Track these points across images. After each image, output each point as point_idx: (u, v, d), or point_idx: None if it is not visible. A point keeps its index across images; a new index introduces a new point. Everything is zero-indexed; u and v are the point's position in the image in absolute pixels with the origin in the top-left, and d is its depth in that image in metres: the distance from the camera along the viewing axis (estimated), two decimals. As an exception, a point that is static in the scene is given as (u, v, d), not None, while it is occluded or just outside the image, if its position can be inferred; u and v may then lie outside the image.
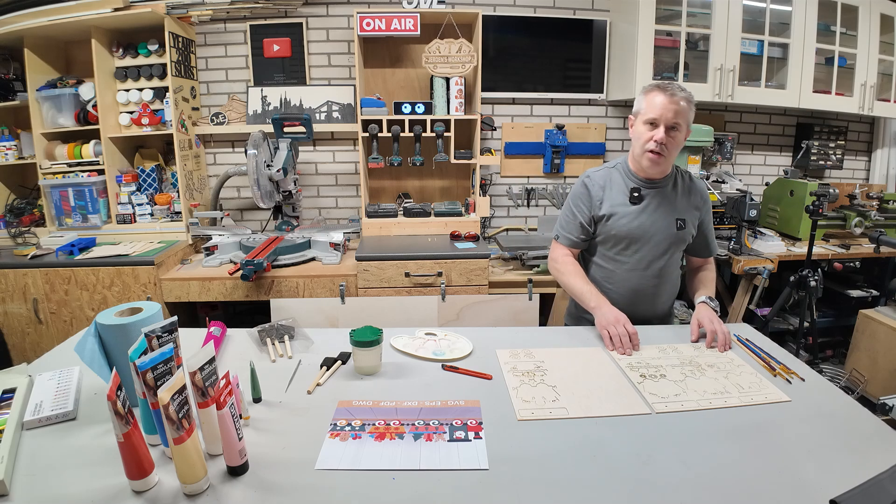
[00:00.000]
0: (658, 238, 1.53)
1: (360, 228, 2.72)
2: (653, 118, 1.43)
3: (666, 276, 1.58)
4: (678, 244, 1.56)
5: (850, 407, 1.11)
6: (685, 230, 1.54)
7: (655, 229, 1.52)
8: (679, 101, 1.41)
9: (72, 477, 0.86)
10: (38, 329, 2.34)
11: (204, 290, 2.34)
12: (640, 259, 1.54)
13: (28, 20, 2.41)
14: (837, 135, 3.23)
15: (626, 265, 1.55)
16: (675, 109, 1.41)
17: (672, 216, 1.53)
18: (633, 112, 1.53)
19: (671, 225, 1.53)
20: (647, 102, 1.45)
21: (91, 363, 1.00)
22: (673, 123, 1.42)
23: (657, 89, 1.43)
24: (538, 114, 3.00)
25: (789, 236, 2.89)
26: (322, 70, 2.86)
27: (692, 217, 1.56)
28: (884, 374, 2.37)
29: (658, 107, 1.41)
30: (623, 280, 1.56)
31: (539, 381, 1.19)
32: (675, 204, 1.54)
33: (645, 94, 1.46)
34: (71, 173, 2.56)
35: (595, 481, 0.87)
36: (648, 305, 1.58)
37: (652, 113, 1.43)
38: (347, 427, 1.01)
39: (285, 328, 1.44)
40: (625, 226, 1.52)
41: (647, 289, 1.56)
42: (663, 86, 1.43)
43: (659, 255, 1.54)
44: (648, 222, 1.52)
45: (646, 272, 1.55)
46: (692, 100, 1.44)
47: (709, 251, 1.65)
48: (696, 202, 1.58)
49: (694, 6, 2.66)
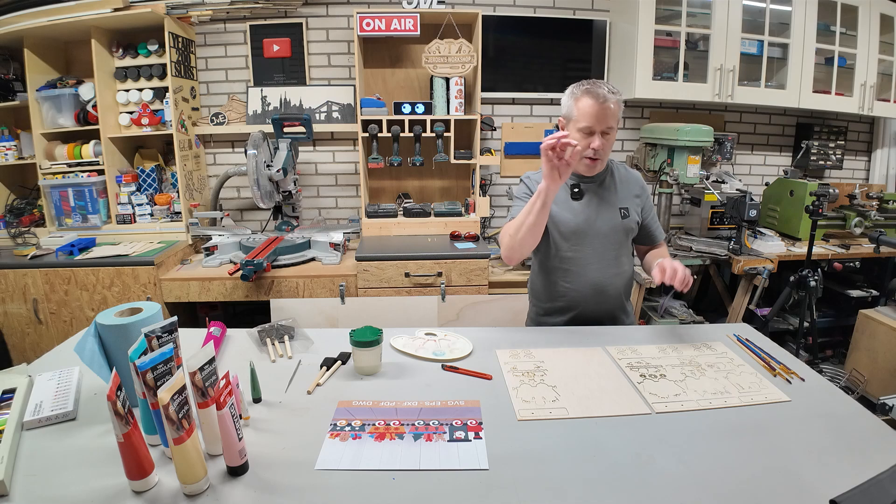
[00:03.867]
0: (605, 229, 1.55)
1: (360, 228, 2.72)
2: (587, 126, 1.44)
3: (621, 267, 1.60)
4: (626, 233, 1.59)
5: (850, 407, 1.11)
6: (630, 218, 1.58)
7: (601, 221, 1.55)
8: (610, 104, 1.41)
9: (72, 477, 0.86)
10: (38, 329, 2.34)
11: (204, 290, 2.34)
12: (593, 252, 1.56)
13: (28, 20, 2.41)
14: (837, 135, 3.23)
15: (581, 260, 1.57)
16: (607, 114, 1.42)
17: (615, 206, 1.57)
18: (562, 113, 1.52)
19: (615, 215, 1.56)
20: (578, 110, 1.44)
21: (91, 363, 1.00)
22: (606, 128, 1.45)
23: (587, 95, 1.42)
24: (538, 114, 3.00)
25: (789, 236, 2.89)
26: (322, 70, 2.86)
27: (634, 205, 1.59)
28: (884, 374, 2.37)
29: (591, 115, 1.42)
30: (581, 275, 1.57)
31: (539, 381, 1.19)
32: (616, 194, 1.58)
33: (575, 101, 1.45)
34: (71, 173, 2.56)
35: (595, 481, 0.87)
36: (610, 298, 1.59)
37: (585, 121, 1.43)
38: (347, 427, 1.01)
39: (285, 328, 1.44)
40: (570, 220, 1.55)
41: (605, 280, 1.57)
42: (593, 91, 1.41)
43: (610, 246, 1.57)
44: (594, 215, 1.55)
45: (601, 264, 1.57)
46: (621, 97, 1.45)
47: (654, 237, 1.68)
48: (635, 190, 1.61)
49: (694, 6, 2.66)
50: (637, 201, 1.61)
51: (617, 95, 1.44)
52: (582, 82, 1.47)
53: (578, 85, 1.47)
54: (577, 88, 1.46)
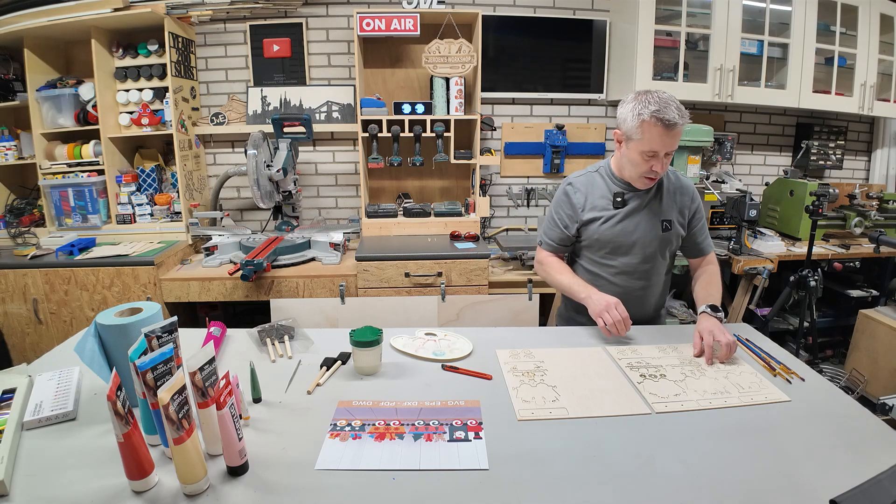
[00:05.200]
0: (643, 241, 1.51)
1: (359, 228, 2.72)
2: (652, 150, 1.37)
3: (653, 279, 1.57)
4: (665, 246, 1.54)
5: (850, 407, 1.11)
6: (671, 231, 1.52)
7: (640, 233, 1.50)
8: (679, 130, 1.34)
9: (72, 477, 0.86)
10: (38, 329, 2.34)
11: (204, 290, 2.34)
12: (626, 263, 1.53)
13: (28, 20, 2.41)
14: (837, 135, 3.23)
15: (613, 269, 1.55)
16: (676, 140, 1.36)
17: (657, 218, 1.51)
18: (622, 130, 1.42)
19: (656, 227, 1.51)
20: (644, 133, 1.35)
21: (91, 363, 1.00)
22: (670, 150, 1.39)
23: (658, 123, 1.32)
24: (538, 114, 3.00)
25: (789, 236, 2.89)
26: (322, 70, 2.86)
27: (678, 216, 1.54)
28: (884, 374, 2.37)
29: (657, 142, 1.35)
30: (610, 284, 1.55)
31: (539, 381, 1.19)
32: (661, 205, 1.52)
33: (641, 123, 1.35)
34: (71, 173, 2.56)
35: (595, 481, 0.87)
36: (636, 308, 1.54)
37: (651, 146, 1.36)
38: (347, 427, 1.01)
39: (285, 328, 1.44)
40: (608, 230, 1.51)
41: (634, 292, 1.55)
42: (663, 118, 1.31)
43: (645, 259, 1.53)
44: (632, 226, 1.50)
45: (632, 276, 1.54)
46: (688, 118, 1.37)
47: (701, 250, 1.61)
48: (685, 201, 1.55)
49: (694, 6, 2.66)
50: (685, 212, 1.55)
51: (685, 118, 1.35)
52: (648, 99, 1.34)
53: (645, 103, 1.34)
54: (644, 109, 1.34)
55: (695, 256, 1.63)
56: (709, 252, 1.62)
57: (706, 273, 1.59)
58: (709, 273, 1.59)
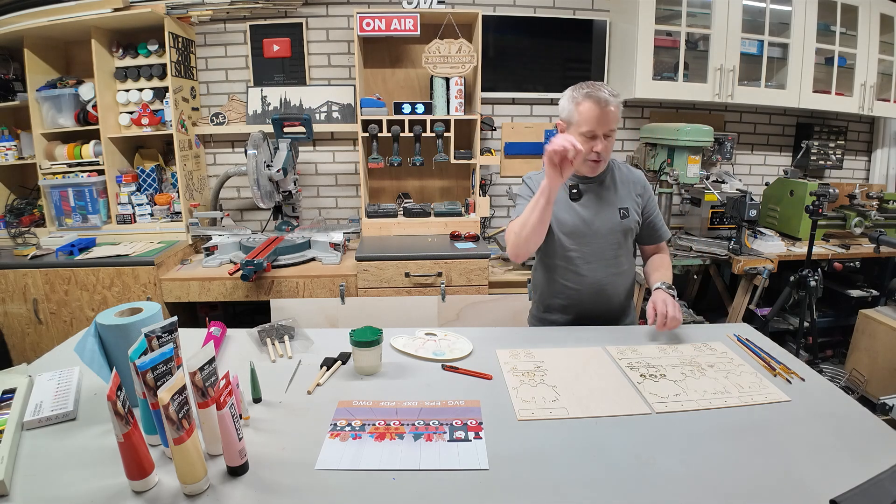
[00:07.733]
0: (604, 229, 1.56)
1: (360, 228, 2.72)
2: (589, 130, 1.44)
3: (620, 267, 1.61)
4: (625, 233, 1.59)
5: (850, 407, 1.10)
6: (629, 218, 1.58)
7: (600, 221, 1.56)
8: (611, 108, 1.42)
9: (72, 477, 0.86)
10: (38, 329, 2.34)
11: (204, 290, 2.34)
12: (592, 252, 1.57)
13: (28, 20, 2.41)
14: (837, 135, 3.23)
15: (581, 259, 1.58)
16: (609, 118, 1.43)
17: (614, 206, 1.57)
18: (562, 117, 1.52)
19: (614, 215, 1.57)
20: (579, 114, 1.44)
21: (91, 363, 1.00)
22: (608, 131, 1.46)
23: (589, 99, 1.42)
24: (538, 114, 3.00)
25: (789, 236, 2.89)
26: (322, 70, 2.86)
27: (634, 205, 1.60)
28: (884, 374, 2.37)
29: (593, 119, 1.42)
30: (581, 275, 1.58)
31: (539, 381, 1.19)
32: (615, 194, 1.59)
33: (576, 105, 1.45)
34: (71, 173, 2.56)
35: (595, 481, 0.87)
36: (610, 298, 1.61)
37: (587, 126, 1.44)
38: (347, 427, 1.01)
39: (285, 328, 1.44)
40: (569, 220, 1.56)
41: (605, 280, 1.58)
42: (594, 96, 1.42)
43: (609, 246, 1.57)
44: (592, 215, 1.56)
45: (600, 264, 1.58)
46: (621, 99, 1.47)
47: (658, 236, 1.68)
48: (637, 189, 1.62)
49: (694, 6, 2.66)
50: (638, 200, 1.61)
51: (617, 98, 1.45)
52: (580, 85, 1.47)
53: (577, 88, 1.47)
54: (577, 92, 1.46)
55: (651, 243, 1.71)
56: (665, 238, 1.71)
57: (659, 258, 1.69)
58: (661, 258, 1.69)
